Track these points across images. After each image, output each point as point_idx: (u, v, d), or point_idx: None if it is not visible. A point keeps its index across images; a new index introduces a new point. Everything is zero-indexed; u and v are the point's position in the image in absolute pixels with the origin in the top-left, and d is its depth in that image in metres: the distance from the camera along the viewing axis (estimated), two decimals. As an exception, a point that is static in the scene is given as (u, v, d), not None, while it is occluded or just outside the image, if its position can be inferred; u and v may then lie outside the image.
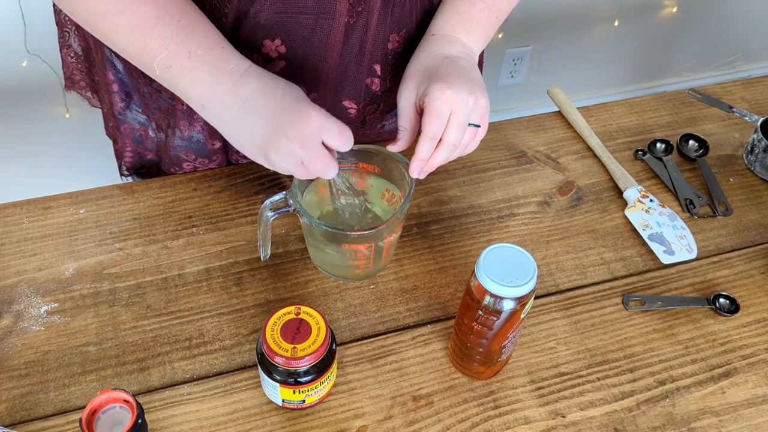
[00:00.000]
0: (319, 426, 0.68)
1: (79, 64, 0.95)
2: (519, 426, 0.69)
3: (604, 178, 0.94)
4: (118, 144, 0.95)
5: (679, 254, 0.84)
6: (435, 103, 0.70)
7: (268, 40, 0.76)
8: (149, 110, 0.89)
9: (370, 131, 0.94)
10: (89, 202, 0.87)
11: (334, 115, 0.82)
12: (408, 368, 0.73)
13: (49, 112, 1.70)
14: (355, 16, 0.76)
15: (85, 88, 0.98)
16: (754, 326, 0.78)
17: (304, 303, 0.78)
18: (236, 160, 0.93)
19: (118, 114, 0.90)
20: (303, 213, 0.72)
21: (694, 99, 1.07)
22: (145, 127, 0.92)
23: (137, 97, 0.89)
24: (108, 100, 0.90)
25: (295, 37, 0.76)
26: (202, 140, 0.88)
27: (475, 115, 0.72)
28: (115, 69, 0.86)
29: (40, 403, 0.69)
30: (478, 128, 0.73)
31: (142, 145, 0.94)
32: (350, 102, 0.85)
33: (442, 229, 0.86)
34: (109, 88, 0.88)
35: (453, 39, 0.78)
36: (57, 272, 0.80)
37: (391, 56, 0.83)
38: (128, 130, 0.92)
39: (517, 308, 0.63)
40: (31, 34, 1.53)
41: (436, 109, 0.70)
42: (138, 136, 0.93)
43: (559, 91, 1.05)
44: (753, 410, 0.71)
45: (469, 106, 0.71)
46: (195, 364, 0.72)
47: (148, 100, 0.88)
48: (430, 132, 0.71)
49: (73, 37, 0.92)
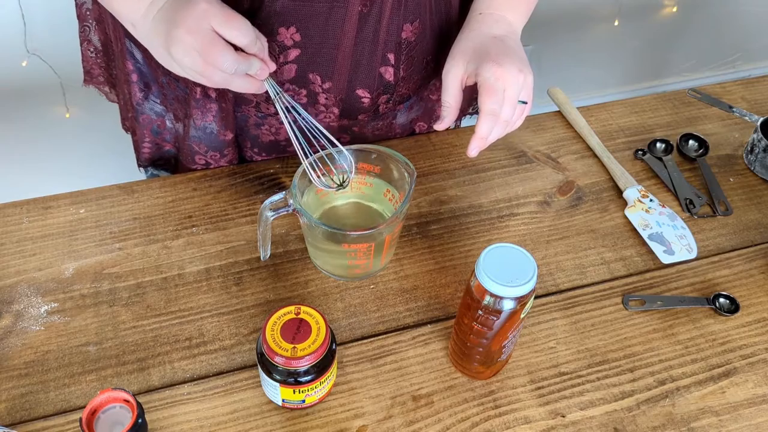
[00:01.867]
0: (319, 426, 0.68)
1: (98, 58, 0.96)
2: (519, 426, 0.69)
3: (604, 177, 0.94)
4: (137, 135, 0.96)
5: (679, 254, 0.84)
6: (490, 80, 0.73)
7: (283, 27, 0.77)
8: (167, 100, 0.91)
9: (382, 123, 0.95)
10: (89, 202, 0.87)
11: (347, 104, 0.83)
12: (408, 368, 0.73)
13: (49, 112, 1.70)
14: (368, 4, 0.77)
15: (103, 82, 0.99)
16: (754, 326, 0.78)
17: (304, 303, 0.78)
18: (251, 156, 0.94)
19: (137, 105, 0.91)
20: (303, 213, 0.72)
21: (694, 99, 1.07)
22: (163, 118, 0.93)
23: (156, 87, 0.90)
24: (127, 90, 0.91)
25: (310, 25, 0.77)
26: (214, 131, 0.89)
27: (524, 93, 0.75)
28: (135, 59, 0.88)
29: (40, 403, 0.69)
30: (526, 105, 0.76)
31: (161, 136, 0.95)
32: (363, 91, 0.86)
33: (442, 229, 0.86)
34: (129, 78, 0.89)
35: (499, 18, 0.80)
36: (57, 272, 0.80)
37: (404, 45, 0.83)
38: (147, 120, 0.93)
39: (517, 308, 0.63)
40: (31, 34, 1.53)
41: (492, 86, 0.72)
42: (156, 127, 0.94)
43: (559, 91, 1.05)
44: (753, 410, 0.71)
45: (519, 83, 0.74)
46: (195, 364, 0.72)
47: (166, 90, 0.89)
48: (490, 108, 0.73)
49: (92, 32, 0.93)
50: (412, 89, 0.91)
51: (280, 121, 0.89)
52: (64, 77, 1.59)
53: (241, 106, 0.88)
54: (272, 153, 0.94)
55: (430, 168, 0.94)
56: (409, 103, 0.95)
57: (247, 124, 0.91)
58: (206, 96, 0.85)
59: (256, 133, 0.91)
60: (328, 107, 0.86)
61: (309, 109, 0.86)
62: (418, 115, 0.98)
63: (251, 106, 0.88)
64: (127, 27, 0.74)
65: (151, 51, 0.72)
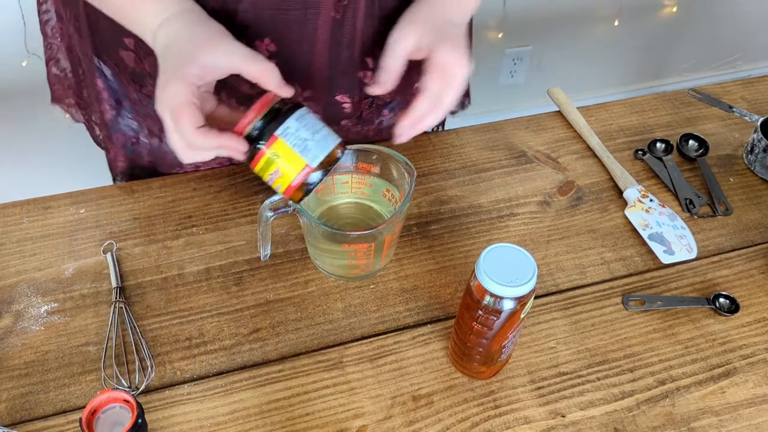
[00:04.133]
0: (319, 426, 0.68)
1: (66, 79, 0.94)
2: (519, 426, 0.69)
3: (604, 177, 0.94)
4: (111, 153, 0.94)
5: (679, 254, 0.84)
6: (446, 63, 0.69)
7: (257, 40, 0.76)
8: (139, 116, 0.89)
9: (368, 128, 0.94)
10: (89, 202, 0.87)
11: (330, 111, 0.80)
12: (408, 368, 0.73)
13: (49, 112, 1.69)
14: (341, 10, 0.76)
15: (70, 104, 0.97)
16: (754, 326, 0.78)
17: (304, 302, 0.78)
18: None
19: (110, 123, 0.90)
20: (303, 213, 0.72)
21: (694, 99, 1.07)
22: (137, 134, 0.91)
23: (128, 104, 0.88)
24: (98, 109, 0.89)
25: (284, 34, 0.76)
26: None
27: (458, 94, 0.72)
28: (105, 77, 0.86)
29: (40, 403, 0.69)
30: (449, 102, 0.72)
31: (135, 152, 0.93)
32: (344, 96, 0.85)
33: (442, 229, 0.86)
34: (99, 97, 0.87)
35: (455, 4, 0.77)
36: (57, 272, 0.80)
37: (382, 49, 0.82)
38: (120, 138, 0.91)
39: (517, 308, 0.63)
40: (31, 34, 1.53)
41: (448, 70, 0.69)
42: (130, 145, 0.92)
43: (559, 91, 1.05)
44: (753, 410, 0.71)
45: (466, 77, 0.71)
46: (195, 364, 0.72)
47: (138, 106, 0.88)
48: (436, 91, 0.70)
49: (58, 50, 0.91)
50: (395, 92, 0.90)
51: None
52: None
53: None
54: None
55: (430, 168, 0.94)
56: (392, 107, 0.94)
57: None
58: None
59: None
60: None
61: None
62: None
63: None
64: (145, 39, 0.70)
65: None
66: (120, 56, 0.82)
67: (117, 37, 0.80)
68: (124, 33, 0.79)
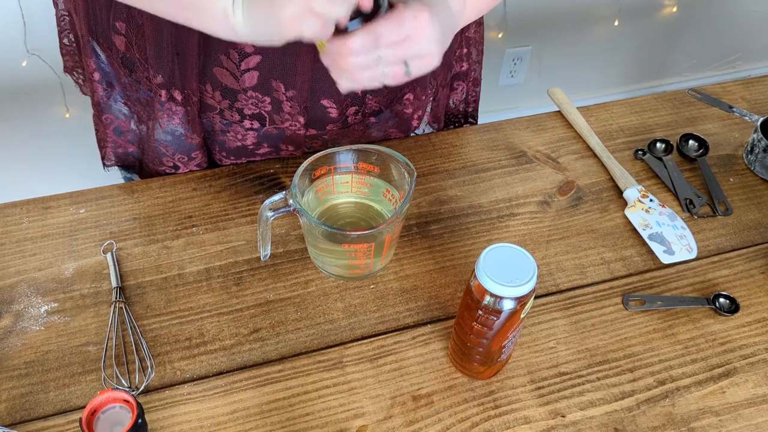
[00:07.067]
0: (319, 426, 0.68)
1: (72, 48, 0.95)
2: (519, 426, 0.69)
3: (604, 177, 0.94)
4: (99, 133, 0.95)
5: (679, 254, 0.84)
6: (409, 14, 0.59)
7: None
8: (130, 101, 0.89)
9: (354, 134, 0.93)
10: (89, 202, 0.87)
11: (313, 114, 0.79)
12: (408, 368, 0.73)
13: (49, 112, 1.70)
14: None
15: (80, 73, 0.98)
16: (754, 326, 0.78)
17: (304, 302, 0.78)
18: (220, 159, 0.92)
19: (101, 103, 0.90)
20: (303, 213, 0.72)
21: (694, 99, 1.07)
22: (128, 120, 0.92)
23: (119, 88, 0.89)
24: (91, 88, 0.90)
25: None
26: (182, 134, 0.88)
27: (416, 63, 0.62)
28: (98, 58, 0.86)
29: (40, 403, 0.69)
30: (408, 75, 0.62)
31: (123, 137, 0.94)
32: (329, 101, 0.84)
33: (442, 229, 0.86)
34: (91, 77, 0.88)
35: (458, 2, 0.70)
36: (57, 272, 0.80)
37: None
38: (109, 120, 0.92)
39: (517, 308, 0.63)
40: (31, 34, 1.53)
41: (407, 22, 0.59)
42: (119, 128, 0.93)
43: (559, 91, 1.05)
44: (753, 410, 0.71)
45: (429, 51, 0.61)
46: (195, 364, 0.72)
47: (129, 92, 0.88)
48: (380, 30, 0.59)
49: (67, 22, 0.92)
50: (383, 102, 0.89)
51: (246, 128, 0.87)
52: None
53: (206, 112, 0.86)
54: (242, 157, 0.92)
55: (430, 168, 0.94)
56: (381, 117, 0.93)
57: (213, 129, 0.89)
58: (171, 99, 0.83)
59: (222, 138, 0.90)
60: (293, 115, 0.84)
61: (274, 116, 0.84)
62: (395, 127, 0.95)
63: (215, 113, 0.86)
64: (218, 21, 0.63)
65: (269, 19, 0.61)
66: (112, 40, 0.82)
67: (110, 21, 0.80)
68: (116, 16, 0.79)
